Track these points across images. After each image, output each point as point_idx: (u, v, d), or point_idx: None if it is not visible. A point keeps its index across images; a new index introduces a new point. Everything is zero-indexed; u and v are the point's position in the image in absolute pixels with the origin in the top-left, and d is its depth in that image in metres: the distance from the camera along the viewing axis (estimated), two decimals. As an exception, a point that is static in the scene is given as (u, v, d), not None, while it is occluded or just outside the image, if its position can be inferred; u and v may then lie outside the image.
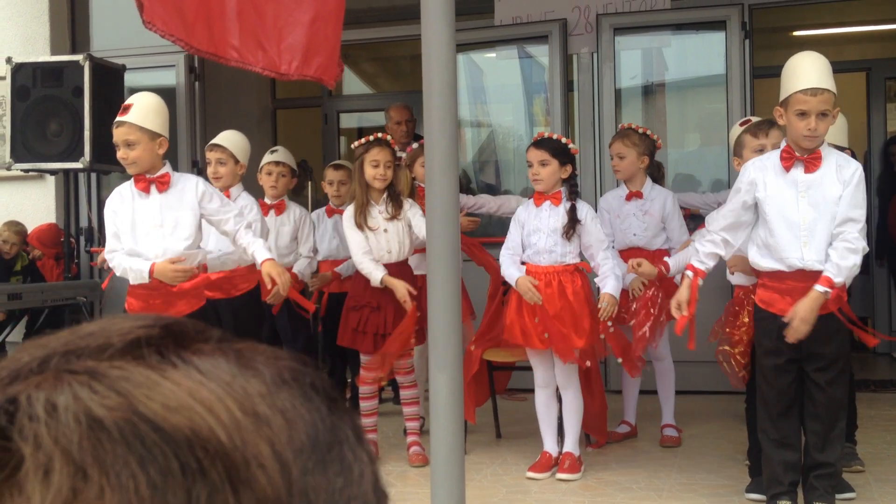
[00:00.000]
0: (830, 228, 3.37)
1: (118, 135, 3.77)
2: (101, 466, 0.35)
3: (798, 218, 3.39)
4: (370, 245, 4.39)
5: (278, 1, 3.10)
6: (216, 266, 4.35)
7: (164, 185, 3.80)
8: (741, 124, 4.36)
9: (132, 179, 3.85)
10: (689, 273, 3.58)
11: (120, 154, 3.79)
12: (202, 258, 3.93)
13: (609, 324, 4.14)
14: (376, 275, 4.31)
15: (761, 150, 3.76)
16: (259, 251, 3.88)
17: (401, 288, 4.26)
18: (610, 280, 4.11)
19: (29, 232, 6.56)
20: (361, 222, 4.36)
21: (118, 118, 3.78)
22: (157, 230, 3.79)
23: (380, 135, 4.43)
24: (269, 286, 3.89)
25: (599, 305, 4.09)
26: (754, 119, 4.33)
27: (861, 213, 3.41)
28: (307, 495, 0.38)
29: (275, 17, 3.09)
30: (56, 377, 0.38)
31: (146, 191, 3.81)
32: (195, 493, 0.36)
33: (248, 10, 3.10)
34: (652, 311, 4.47)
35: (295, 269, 4.85)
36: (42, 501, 0.34)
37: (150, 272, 3.70)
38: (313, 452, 0.40)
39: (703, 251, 3.58)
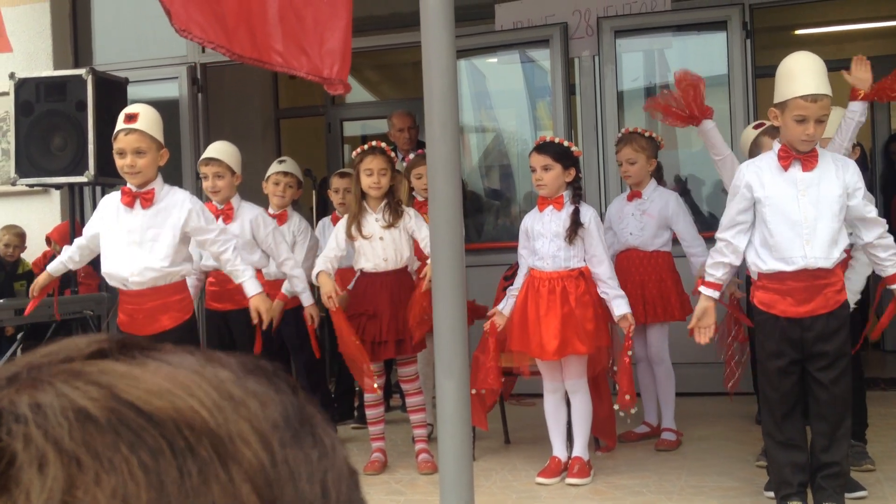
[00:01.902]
0: (832, 226, 3.37)
1: (128, 142, 3.74)
2: (93, 454, 0.37)
3: (800, 216, 3.39)
4: (365, 254, 4.38)
5: (316, 6, 3.09)
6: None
7: (147, 201, 3.79)
8: (755, 127, 4.34)
9: (120, 192, 3.85)
10: (703, 289, 3.63)
11: (127, 162, 3.74)
12: (186, 272, 3.93)
13: (630, 353, 4.11)
14: (314, 272, 4.34)
15: None
16: (248, 284, 3.91)
17: (325, 286, 4.25)
18: (619, 302, 4.11)
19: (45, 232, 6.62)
20: (353, 233, 4.36)
21: (125, 125, 3.75)
22: (134, 247, 3.77)
23: (374, 143, 4.43)
24: (254, 320, 3.93)
25: (621, 325, 4.10)
26: (768, 123, 4.31)
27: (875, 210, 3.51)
28: (289, 465, 0.40)
29: (314, 22, 3.09)
30: (33, 384, 0.39)
31: (130, 205, 3.79)
32: (186, 469, 0.37)
33: (289, 15, 3.09)
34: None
35: (285, 290, 4.73)
36: (41, 491, 0.35)
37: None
38: (288, 428, 0.42)
39: (709, 262, 3.64)
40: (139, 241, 3.77)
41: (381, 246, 4.36)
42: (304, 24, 3.09)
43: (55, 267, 4.08)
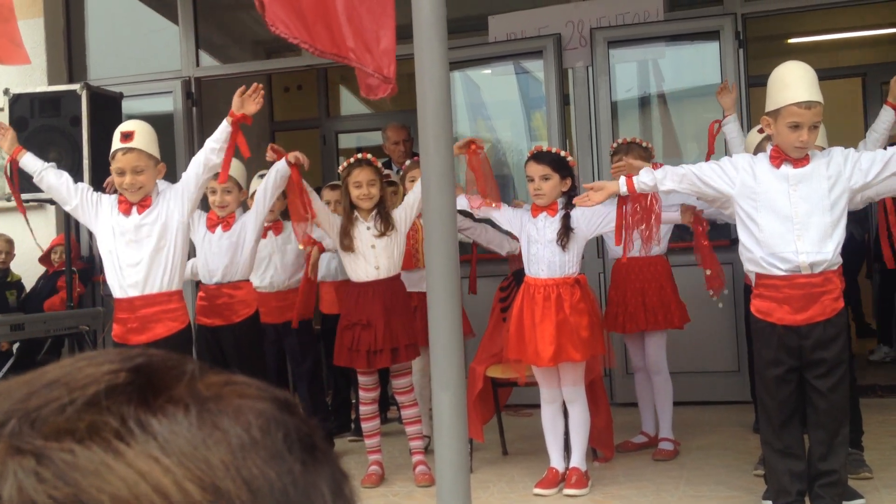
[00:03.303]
0: (825, 220, 3.38)
1: (126, 161, 3.79)
2: None
3: (790, 211, 3.40)
4: (357, 263, 4.39)
5: (369, 6, 3.11)
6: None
7: (144, 207, 3.87)
8: (760, 130, 4.36)
9: (116, 200, 3.88)
10: (623, 179, 3.69)
11: (127, 180, 3.79)
12: (180, 282, 3.94)
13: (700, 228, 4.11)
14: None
15: None
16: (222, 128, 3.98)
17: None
18: (671, 210, 4.06)
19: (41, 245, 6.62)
20: (347, 244, 4.38)
21: (122, 144, 3.81)
22: (134, 244, 3.84)
23: (360, 155, 4.46)
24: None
25: (686, 220, 4.06)
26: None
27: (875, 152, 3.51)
28: None
29: (370, 22, 3.11)
30: (3, 458, 0.37)
31: (127, 213, 3.87)
32: None
33: (353, 14, 3.12)
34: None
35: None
36: None
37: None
38: None
39: (649, 169, 3.67)
40: (136, 238, 3.82)
41: (373, 255, 4.38)
42: (363, 22, 3.11)
43: (28, 161, 4.17)
